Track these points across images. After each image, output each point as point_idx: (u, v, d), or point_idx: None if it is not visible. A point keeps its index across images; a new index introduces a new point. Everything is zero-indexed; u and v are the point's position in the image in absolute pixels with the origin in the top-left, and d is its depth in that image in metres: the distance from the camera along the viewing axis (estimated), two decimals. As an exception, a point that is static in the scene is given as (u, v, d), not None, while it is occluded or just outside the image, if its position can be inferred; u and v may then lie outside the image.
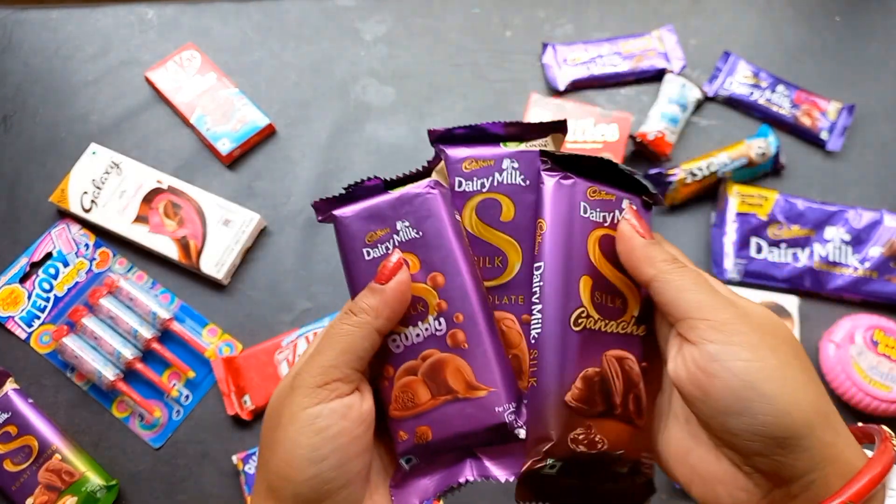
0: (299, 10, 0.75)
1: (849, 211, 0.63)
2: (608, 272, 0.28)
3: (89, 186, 0.64)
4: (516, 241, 0.28)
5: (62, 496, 0.53)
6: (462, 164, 0.29)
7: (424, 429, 0.27)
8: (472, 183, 0.29)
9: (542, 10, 0.76)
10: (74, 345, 0.58)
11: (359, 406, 0.26)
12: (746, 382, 0.23)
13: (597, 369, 0.27)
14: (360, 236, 0.28)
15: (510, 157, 0.29)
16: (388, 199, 0.29)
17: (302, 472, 0.25)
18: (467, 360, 0.27)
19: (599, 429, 0.26)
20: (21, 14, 0.75)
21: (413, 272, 0.28)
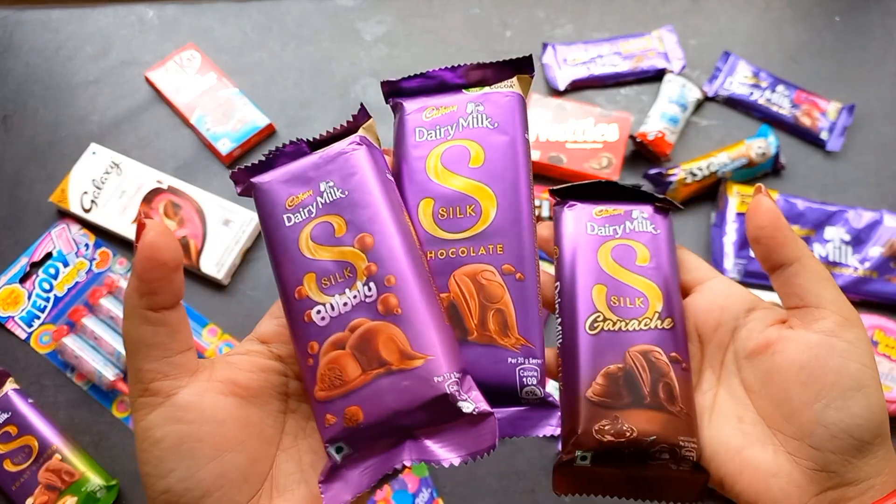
0: (299, 10, 0.75)
1: (849, 211, 0.63)
2: (624, 276, 0.28)
3: (89, 186, 0.64)
4: (489, 186, 0.27)
5: (62, 496, 0.53)
6: (422, 113, 0.28)
7: (354, 409, 0.24)
8: (435, 132, 0.28)
9: (542, 10, 0.76)
10: (74, 345, 0.58)
11: (198, 402, 0.23)
12: (859, 382, 0.24)
13: (620, 365, 0.27)
14: (280, 202, 0.26)
15: (474, 101, 0.28)
16: (310, 161, 0.27)
17: (154, 489, 0.22)
18: (401, 326, 0.24)
19: (627, 418, 0.26)
20: (22, 14, 0.75)
21: (339, 235, 0.25)
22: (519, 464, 0.56)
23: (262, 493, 0.24)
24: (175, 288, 0.23)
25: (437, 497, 0.54)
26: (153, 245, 0.22)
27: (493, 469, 0.56)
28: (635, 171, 0.67)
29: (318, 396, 0.24)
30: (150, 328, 0.23)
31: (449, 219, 0.27)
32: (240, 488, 0.23)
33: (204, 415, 0.23)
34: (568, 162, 0.65)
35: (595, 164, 0.65)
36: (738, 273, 0.62)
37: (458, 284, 0.26)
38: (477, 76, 0.29)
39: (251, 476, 0.23)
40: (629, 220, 0.30)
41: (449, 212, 0.27)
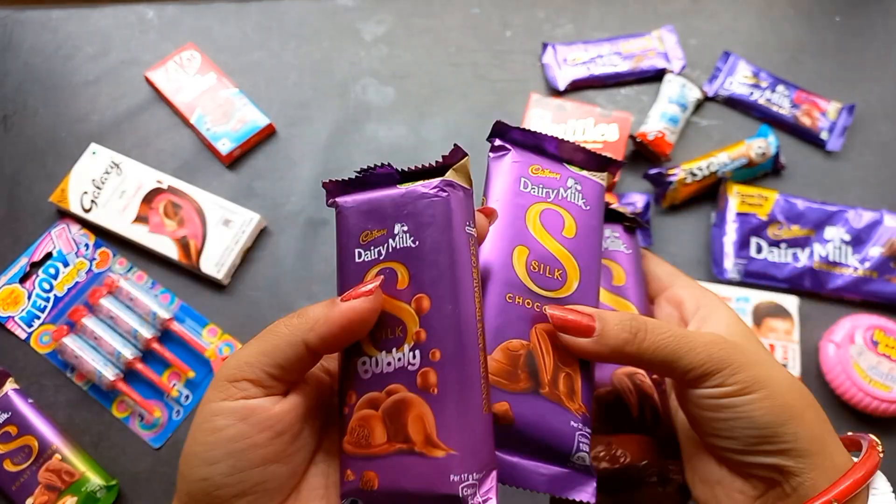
0: (299, 10, 0.75)
1: (849, 211, 0.63)
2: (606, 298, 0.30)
3: (89, 186, 0.64)
4: (576, 259, 0.28)
5: (62, 496, 0.53)
6: (529, 167, 0.29)
7: (372, 475, 0.24)
8: (539, 190, 0.28)
9: (542, 9, 0.76)
10: (74, 345, 0.58)
11: (265, 411, 0.23)
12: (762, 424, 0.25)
13: (609, 388, 0.27)
14: (356, 233, 0.25)
15: (575, 179, 0.29)
16: (392, 194, 0.25)
17: (194, 472, 0.23)
18: (433, 408, 0.23)
19: (619, 444, 0.26)
20: (21, 14, 0.75)
21: (400, 288, 0.24)
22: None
23: (288, 502, 0.24)
24: (340, 346, 0.24)
25: (436, 497, 0.54)
26: (367, 312, 0.23)
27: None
28: (635, 171, 0.67)
29: (345, 449, 0.25)
30: (287, 350, 0.24)
31: (540, 274, 0.27)
32: (272, 496, 0.24)
33: (267, 424, 0.23)
34: (568, 162, 0.65)
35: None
36: (739, 273, 0.62)
37: (539, 338, 0.26)
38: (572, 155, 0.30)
39: (285, 488, 0.24)
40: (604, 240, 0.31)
41: (541, 268, 0.27)
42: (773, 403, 0.24)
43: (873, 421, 0.57)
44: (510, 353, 0.25)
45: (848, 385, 0.56)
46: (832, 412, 0.58)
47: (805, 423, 0.25)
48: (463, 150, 0.25)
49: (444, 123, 0.70)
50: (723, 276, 0.62)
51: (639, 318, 0.26)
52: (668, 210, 0.66)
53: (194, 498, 0.23)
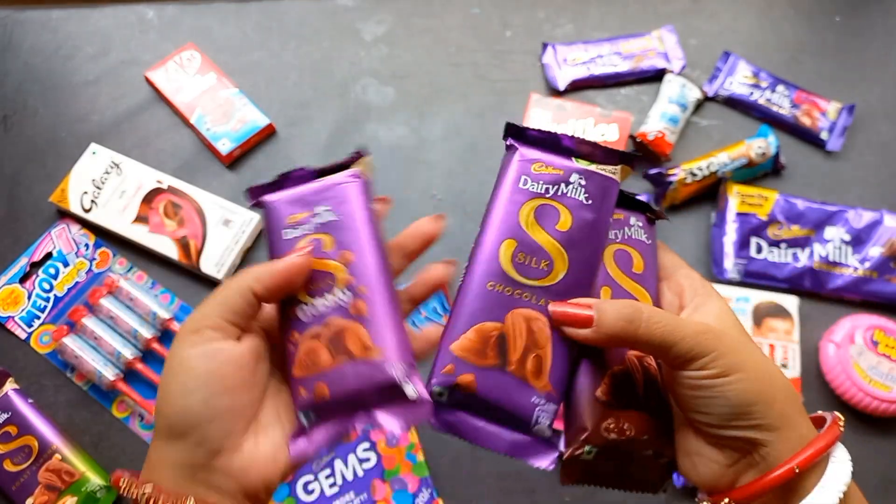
0: (299, 10, 0.75)
1: (849, 211, 0.63)
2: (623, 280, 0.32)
3: (89, 186, 0.64)
4: (566, 251, 0.30)
5: (62, 496, 0.53)
6: (532, 164, 0.31)
7: (322, 386, 0.29)
8: (537, 185, 0.31)
9: (542, 10, 0.76)
10: (74, 345, 0.58)
11: (229, 350, 0.29)
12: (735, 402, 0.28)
13: (622, 367, 0.30)
14: (283, 217, 0.32)
15: (579, 173, 0.31)
16: (313, 186, 0.33)
17: (172, 405, 0.28)
18: (366, 325, 0.30)
19: (626, 419, 0.29)
20: (21, 14, 0.75)
21: (327, 250, 0.31)
22: (519, 464, 0.56)
23: (251, 428, 0.30)
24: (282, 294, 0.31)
25: (436, 497, 0.54)
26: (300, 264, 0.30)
27: (493, 469, 0.56)
28: (635, 171, 0.67)
29: (295, 374, 0.30)
30: (237, 297, 0.29)
31: (524, 264, 0.30)
32: (237, 421, 0.29)
33: (230, 360, 0.29)
34: (568, 162, 0.65)
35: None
36: (739, 273, 0.62)
37: (513, 322, 0.29)
38: (587, 150, 0.32)
39: (247, 414, 0.30)
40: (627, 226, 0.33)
41: (526, 259, 0.30)
42: (747, 386, 0.27)
43: (873, 421, 0.57)
44: (483, 333, 0.29)
45: (848, 385, 0.56)
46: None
47: (774, 403, 0.28)
48: (364, 151, 0.34)
49: (444, 123, 0.70)
50: (723, 276, 0.62)
51: (636, 305, 0.28)
52: (668, 210, 0.66)
53: (174, 428, 0.28)
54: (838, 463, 0.27)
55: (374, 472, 0.55)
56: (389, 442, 0.56)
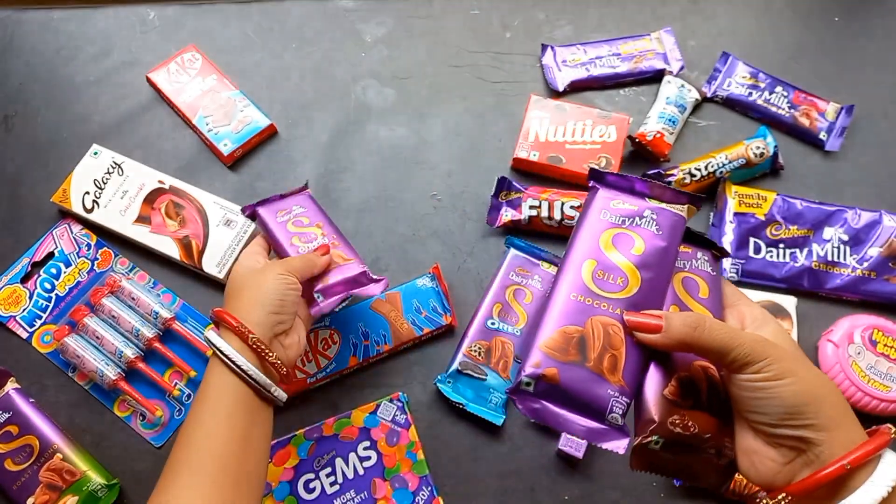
0: (300, 11, 0.76)
1: (847, 211, 0.63)
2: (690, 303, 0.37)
3: (91, 187, 0.64)
4: (639, 270, 0.36)
5: (63, 495, 0.53)
6: (611, 202, 0.38)
7: (325, 280, 0.52)
8: (615, 218, 0.37)
9: (542, 11, 0.76)
10: (76, 344, 0.58)
11: (295, 284, 0.49)
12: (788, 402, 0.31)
13: (688, 374, 0.35)
14: (274, 212, 0.57)
15: (651, 210, 0.37)
16: (286, 200, 0.58)
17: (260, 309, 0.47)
18: (340, 249, 0.55)
19: (691, 417, 0.33)
20: (23, 15, 0.75)
21: (306, 223, 0.56)
22: (519, 464, 0.56)
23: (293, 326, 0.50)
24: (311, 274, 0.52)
25: (436, 496, 0.55)
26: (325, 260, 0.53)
27: (493, 469, 0.56)
28: (634, 171, 0.67)
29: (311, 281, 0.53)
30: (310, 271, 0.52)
31: (602, 280, 0.36)
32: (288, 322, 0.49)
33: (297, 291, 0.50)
34: (567, 162, 0.65)
35: (594, 164, 0.65)
36: (737, 272, 0.62)
37: (592, 326, 0.35)
38: (658, 192, 0.38)
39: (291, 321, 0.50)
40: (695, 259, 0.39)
41: (604, 275, 0.36)
42: (800, 388, 0.31)
43: (872, 420, 0.57)
44: (566, 334, 0.34)
45: (847, 384, 0.56)
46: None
47: (825, 405, 0.31)
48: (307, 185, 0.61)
49: (444, 124, 0.70)
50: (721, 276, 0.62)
51: (700, 316, 0.33)
52: (668, 210, 0.66)
53: (261, 324, 0.46)
54: (887, 464, 0.30)
55: (374, 470, 0.55)
56: (389, 441, 0.56)
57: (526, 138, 0.66)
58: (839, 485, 0.30)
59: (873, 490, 0.29)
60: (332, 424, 0.56)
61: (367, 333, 0.59)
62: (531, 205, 0.63)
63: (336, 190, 0.67)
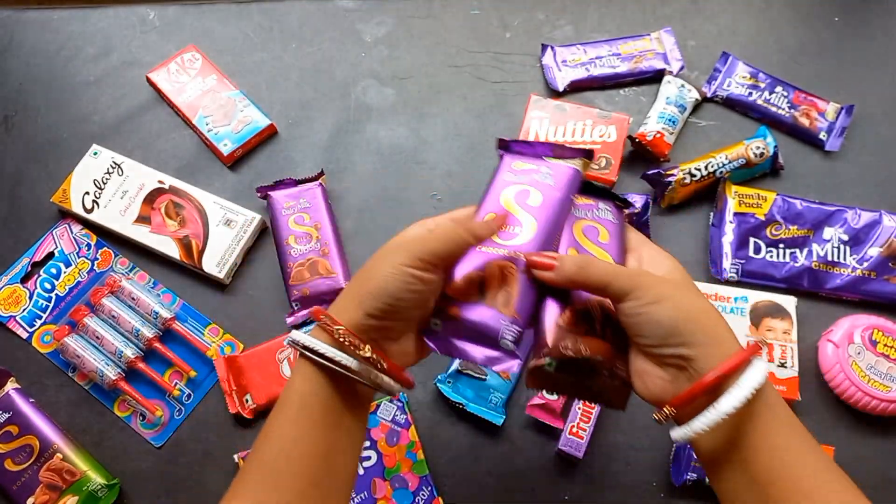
0: (300, 11, 0.76)
1: (847, 211, 0.63)
2: (587, 244, 0.41)
3: (91, 187, 0.64)
4: (535, 219, 0.40)
5: (63, 495, 0.53)
6: (513, 162, 0.43)
7: (304, 290, 0.60)
8: (516, 176, 0.42)
9: (542, 11, 0.76)
10: (76, 344, 0.58)
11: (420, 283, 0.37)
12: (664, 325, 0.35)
13: (583, 306, 0.39)
14: (281, 204, 0.63)
15: (549, 167, 0.42)
16: (296, 189, 0.64)
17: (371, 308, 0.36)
18: (328, 260, 0.61)
19: (584, 342, 0.37)
20: (22, 14, 0.75)
21: (307, 221, 0.62)
22: (519, 464, 0.56)
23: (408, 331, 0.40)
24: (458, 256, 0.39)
25: (437, 496, 0.55)
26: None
27: (493, 469, 0.56)
28: (634, 171, 0.67)
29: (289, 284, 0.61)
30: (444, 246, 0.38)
31: (503, 231, 0.40)
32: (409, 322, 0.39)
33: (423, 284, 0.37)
34: (567, 162, 0.65)
35: (594, 164, 0.65)
36: (737, 273, 0.62)
37: (490, 269, 0.39)
38: (557, 151, 0.43)
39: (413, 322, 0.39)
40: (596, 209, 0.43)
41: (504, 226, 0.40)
42: (674, 311, 0.34)
43: (872, 420, 0.57)
44: (469, 278, 0.38)
45: (847, 384, 0.56)
46: (831, 411, 0.58)
47: (700, 324, 0.34)
48: (323, 171, 0.65)
49: (444, 124, 0.70)
50: (721, 276, 0.62)
51: (587, 258, 0.38)
52: (667, 210, 0.66)
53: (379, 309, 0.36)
54: (754, 370, 0.33)
55: (374, 470, 0.55)
56: (389, 441, 0.56)
57: (526, 138, 0.66)
58: (716, 393, 0.33)
59: (738, 392, 0.32)
60: (332, 424, 0.56)
61: (367, 333, 0.59)
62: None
63: (336, 190, 0.67)
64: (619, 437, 0.57)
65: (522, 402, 0.58)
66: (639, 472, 0.56)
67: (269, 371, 0.58)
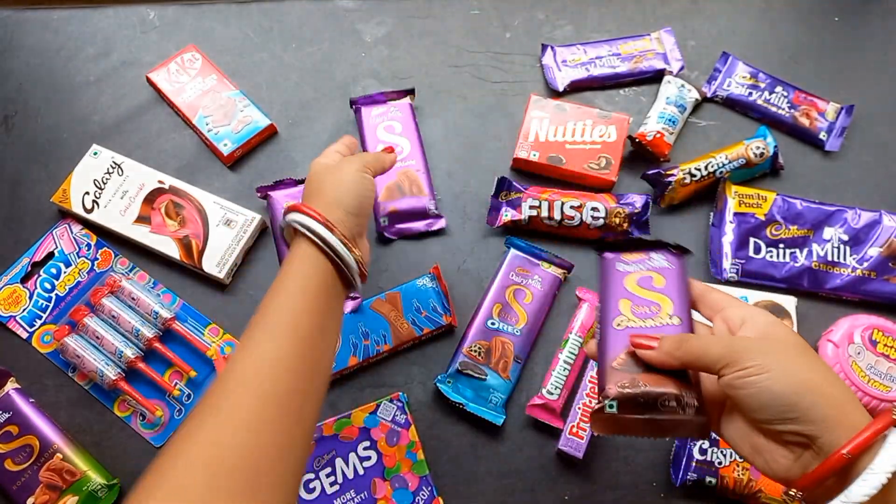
0: (300, 11, 0.76)
1: (847, 211, 0.63)
2: (643, 293, 0.41)
3: (91, 187, 0.64)
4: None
5: (63, 495, 0.53)
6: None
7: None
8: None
9: (542, 11, 0.76)
10: (76, 344, 0.58)
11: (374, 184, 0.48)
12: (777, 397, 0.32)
13: None
14: (280, 204, 0.63)
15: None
16: (296, 189, 0.64)
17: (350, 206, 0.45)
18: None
19: (641, 377, 0.36)
20: (23, 14, 0.75)
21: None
22: (519, 464, 0.56)
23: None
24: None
25: (436, 496, 0.55)
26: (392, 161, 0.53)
27: (493, 469, 0.56)
28: (634, 171, 0.67)
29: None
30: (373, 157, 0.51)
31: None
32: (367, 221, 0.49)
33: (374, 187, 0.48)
34: (567, 162, 0.65)
35: (594, 164, 0.65)
36: (736, 273, 0.62)
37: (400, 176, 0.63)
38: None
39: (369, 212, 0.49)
40: (648, 259, 0.43)
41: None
42: (787, 383, 0.31)
43: (872, 420, 0.57)
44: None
45: (847, 384, 0.56)
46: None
47: (819, 395, 0.31)
48: None
49: (444, 124, 0.70)
50: (721, 276, 0.62)
51: (684, 336, 0.36)
52: (667, 210, 0.66)
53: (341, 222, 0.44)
54: (889, 449, 0.29)
55: (374, 470, 0.55)
56: (389, 441, 0.56)
57: (526, 138, 0.66)
58: (848, 472, 0.30)
59: (872, 478, 0.29)
60: (332, 424, 0.56)
61: (367, 333, 0.59)
62: (531, 205, 0.63)
63: (336, 190, 0.67)
64: (619, 438, 0.57)
65: (522, 401, 0.58)
66: (639, 472, 0.56)
67: (269, 371, 0.58)
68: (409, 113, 0.68)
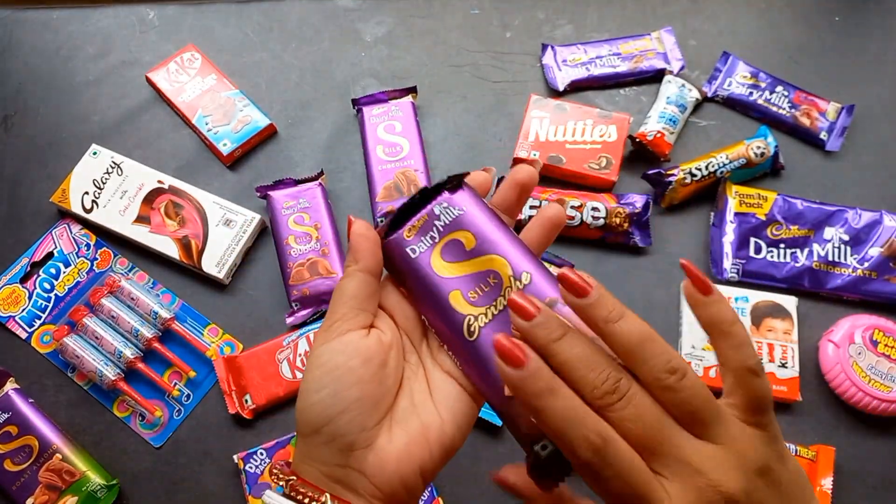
0: (300, 11, 0.75)
1: (848, 211, 0.63)
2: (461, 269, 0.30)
3: (90, 187, 0.64)
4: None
5: (63, 496, 0.53)
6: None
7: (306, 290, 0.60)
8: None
9: (542, 11, 0.76)
10: (75, 344, 0.58)
11: (356, 342, 0.29)
12: None
13: None
14: (281, 203, 0.63)
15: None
16: (296, 188, 0.64)
17: (307, 401, 0.28)
18: (328, 260, 0.61)
19: None
20: (22, 14, 0.75)
21: (307, 220, 0.62)
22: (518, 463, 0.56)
23: (385, 421, 0.29)
24: (377, 258, 0.30)
25: (436, 496, 0.54)
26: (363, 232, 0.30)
27: (493, 469, 0.56)
28: (634, 171, 0.67)
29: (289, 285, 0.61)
30: (354, 283, 0.30)
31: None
32: (370, 413, 0.28)
33: (357, 353, 0.28)
34: (567, 162, 0.65)
35: (594, 164, 0.65)
36: (737, 273, 0.62)
37: (398, 176, 0.62)
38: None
39: (380, 406, 0.29)
40: (436, 219, 0.31)
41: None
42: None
43: (873, 420, 0.57)
44: None
45: (847, 385, 0.56)
46: (831, 411, 0.58)
47: None
48: (323, 172, 0.65)
49: (444, 124, 0.70)
50: (722, 276, 0.62)
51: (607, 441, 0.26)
52: (667, 210, 0.66)
53: (309, 424, 0.28)
54: None
55: (374, 471, 0.55)
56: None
57: (526, 138, 0.66)
58: None
59: None
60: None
61: (366, 333, 0.59)
62: (531, 205, 0.63)
63: (336, 190, 0.67)
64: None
65: (522, 402, 0.58)
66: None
67: (268, 371, 0.58)
68: (411, 112, 0.67)
